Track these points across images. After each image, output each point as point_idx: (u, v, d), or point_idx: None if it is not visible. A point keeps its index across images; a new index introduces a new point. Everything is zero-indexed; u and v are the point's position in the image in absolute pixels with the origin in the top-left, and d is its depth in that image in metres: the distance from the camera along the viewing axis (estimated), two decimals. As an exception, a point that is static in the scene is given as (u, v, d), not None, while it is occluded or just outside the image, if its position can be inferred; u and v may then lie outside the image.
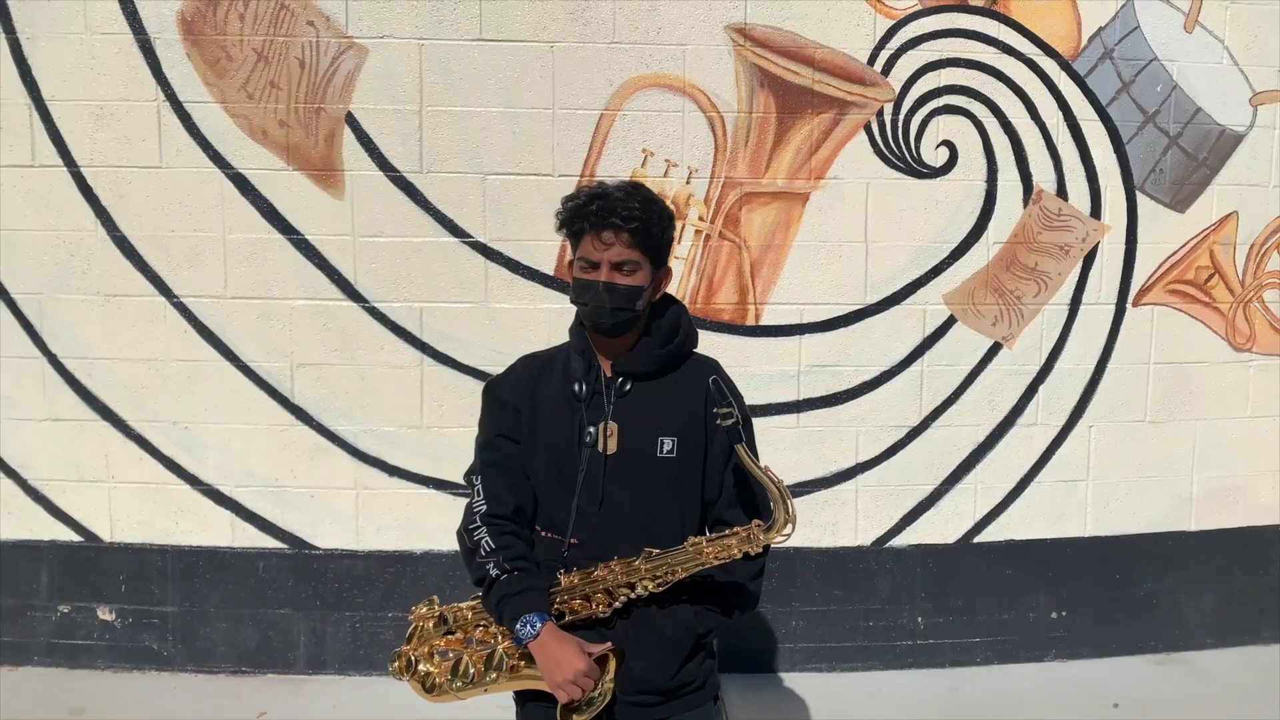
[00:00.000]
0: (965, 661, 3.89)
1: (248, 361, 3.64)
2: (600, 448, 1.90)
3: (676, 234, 3.63)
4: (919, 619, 3.87)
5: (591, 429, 1.90)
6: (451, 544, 3.78)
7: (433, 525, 3.70)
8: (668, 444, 1.91)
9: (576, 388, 1.93)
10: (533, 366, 2.02)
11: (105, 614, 3.73)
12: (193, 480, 3.68)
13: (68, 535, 3.71)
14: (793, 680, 3.75)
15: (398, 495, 3.69)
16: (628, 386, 1.92)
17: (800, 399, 3.72)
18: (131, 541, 3.70)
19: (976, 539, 3.88)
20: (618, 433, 1.90)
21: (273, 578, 3.71)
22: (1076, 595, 3.94)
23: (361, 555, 3.71)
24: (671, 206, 3.61)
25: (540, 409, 1.96)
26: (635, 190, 1.90)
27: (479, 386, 3.60)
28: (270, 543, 3.70)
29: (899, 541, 3.85)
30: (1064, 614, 3.94)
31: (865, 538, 3.83)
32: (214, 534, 3.70)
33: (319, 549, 3.71)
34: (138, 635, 3.73)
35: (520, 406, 1.97)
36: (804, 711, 3.55)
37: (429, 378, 3.65)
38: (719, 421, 1.81)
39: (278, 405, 3.65)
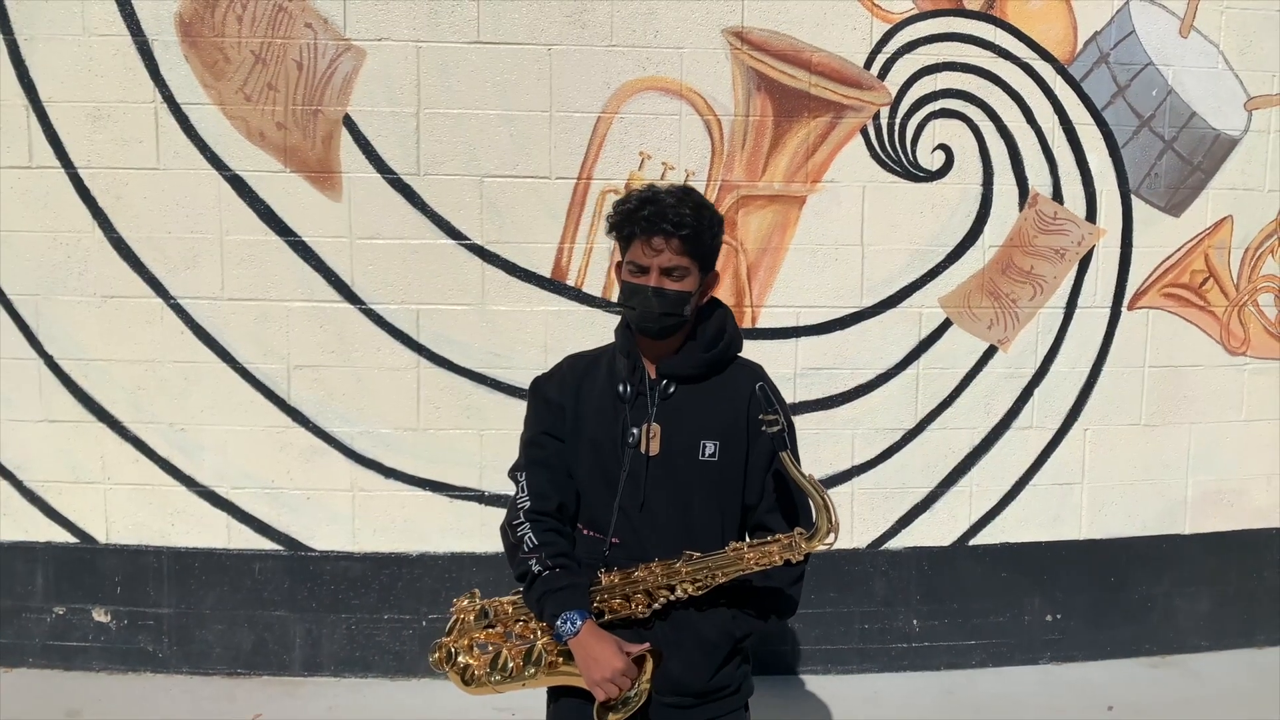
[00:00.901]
0: (961, 664, 3.90)
1: (244, 363, 3.63)
2: (643, 449, 1.91)
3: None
4: (914, 621, 3.88)
5: (635, 430, 1.91)
6: (447, 546, 3.81)
7: (429, 527, 3.70)
8: (710, 447, 1.92)
9: (621, 388, 1.94)
10: (578, 365, 2.03)
11: (101, 615, 3.73)
12: (189, 482, 3.68)
13: (63, 536, 3.70)
14: (788, 682, 3.76)
15: (394, 497, 3.69)
16: (671, 389, 1.93)
17: (796, 401, 3.73)
18: (127, 543, 3.70)
19: (972, 542, 3.88)
20: (660, 434, 1.91)
21: (268, 579, 3.71)
22: (1071, 598, 3.94)
23: (358, 557, 3.71)
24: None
25: (585, 408, 1.97)
26: (686, 195, 1.90)
27: (475, 388, 3.65)
28: (266, 544, 3.70)
29: (895, 544, 3.85)
30: (1059, 616, 3.95)
31: (861, 540, 3.84)
32: (210, 535, 3.70)
33: (315, 551, 3.71)
34: (133, 637, 3.72)
35: (565, 405, 1.98)
36: (800, 713, 3.55)
37: (425, 380, 3.65)
38: (764, 428, 1.81)
39: (274, 407, 3.65)
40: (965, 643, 3.90)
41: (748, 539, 1.89)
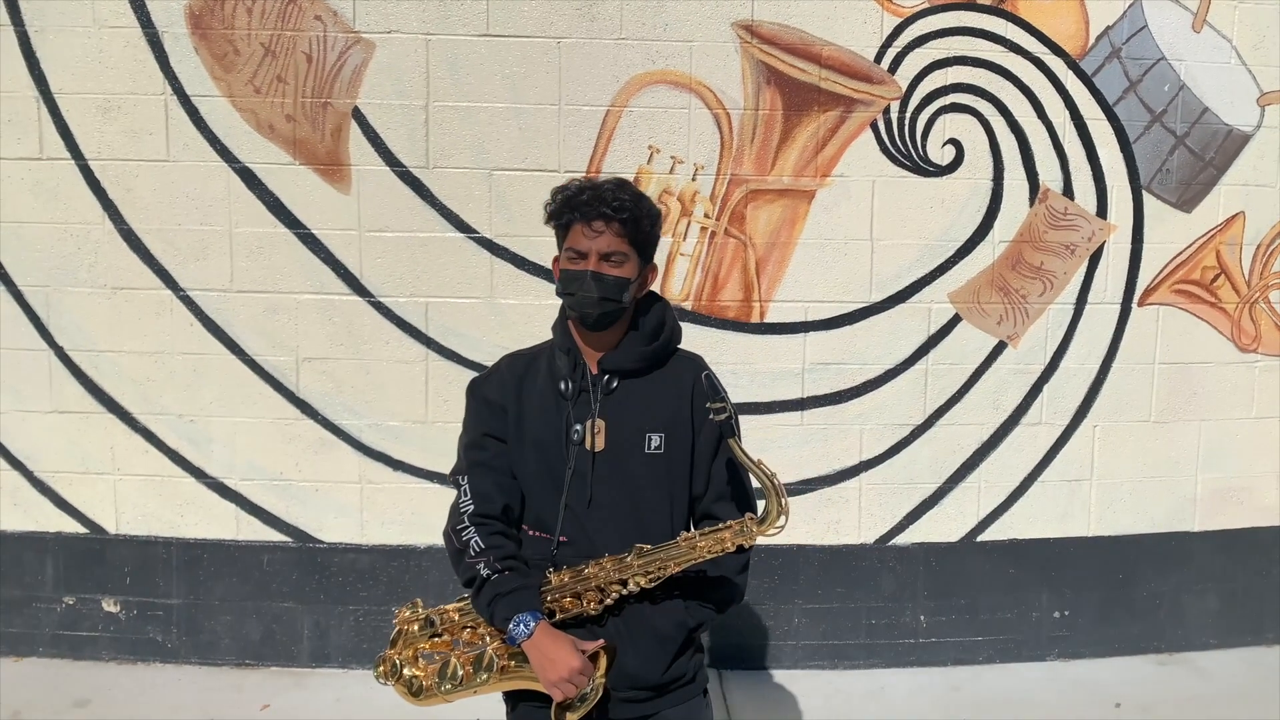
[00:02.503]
0: (967, 660, 3.89)
1: (253, 355, 3.64)
2: (588, 445, 1.90)
3: (683, 231, 3.65)
4: (921, 617, 3.88)
5: (579, 426, 1.91)
6: (455, 538, 3.78)
7: (437, 520, 3.66)
8: (655, 440, 1.92)
9: (563, 385, 1.93)
10: (518, 364, 2.02)
11: (110, 606, 3.74)
12: (198, 473, 3.69)
13: (73, 527, 3.72)
14: (795, 678, 3.75)
15: (402, 489, 3.70)
16: (614, 384, 1.93)
17: (805, 396, 3.72)
18: (136, 534, 3.72)
19: (980, 538, 3.88)
20: (605, 430, 1.91)
21: (277, 571, 3.72)
22: (1079, 595, 3.94)
23: (366, 549, 3.72)
24: (677, 203, 3.64)
25: (526, 407, 1.96)
26: (624, 184, 1.92)
27: (484, 382, 3.65)
28: (275, 536, 3.71)
29: (902, 540, 3.85)
30: (1067, 613, 3.94)
31: (868, 535, 3.83)
32: (219, 527, 3.71)
33: (323, 543, 3.72)
34: (142, 627, 3.74)
35: (506, 405, 1.96)
36: (806, 709, 3.55)
37: (434, 373, 3.66)
38: (711, 416, 1.81)
39: (283, 399, 3.66)
40: (972, 639, 3.90)
41: (695, 529, 1.88)
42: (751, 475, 1.85)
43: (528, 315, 3.63)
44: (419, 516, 3.71)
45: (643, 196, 1.92)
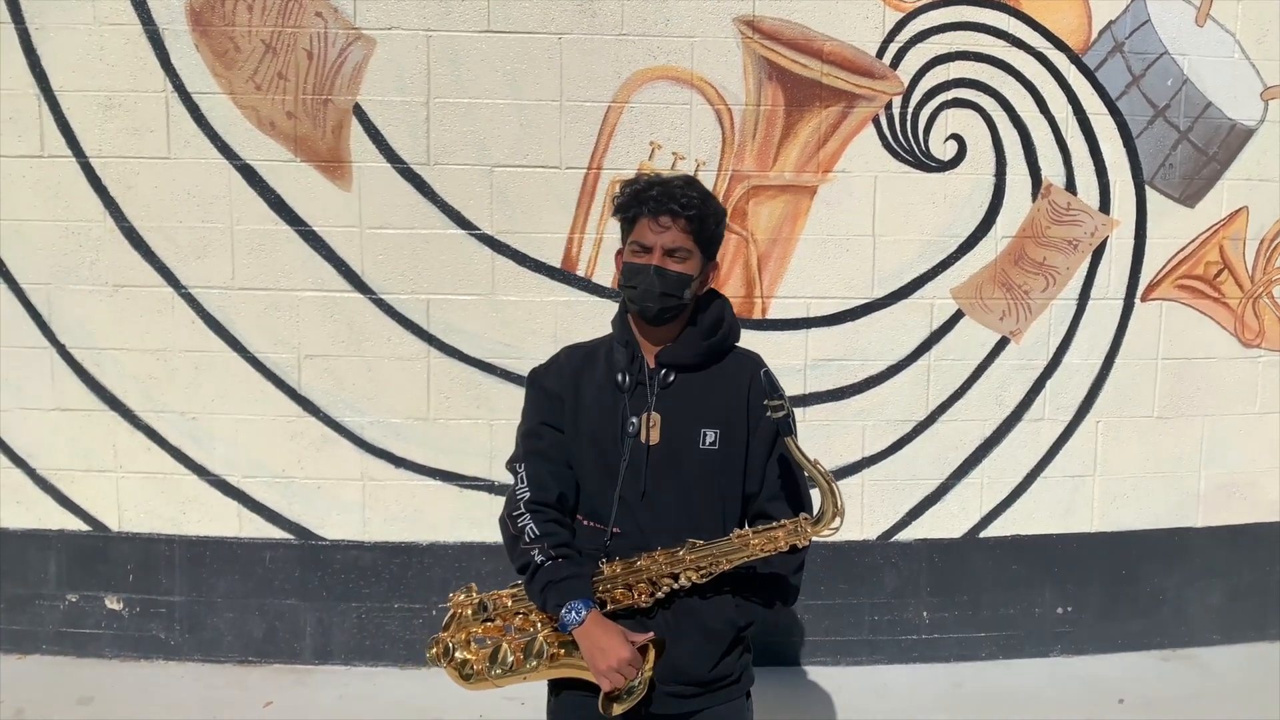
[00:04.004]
0: (970, 656, 3.89)
1: (255, 352, 3.64)
2: (643, 438, 1.91)
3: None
4: (924, 613, 3.87)
5: (634, 419, 1.91)
6: (458, 535, 3.82)
7: (439, 517, 3.71)
8: (710, 436, 1.92)
9: (620, 378, 1.93)
10: (576, 356, 2.03)
11: (113, 603, 3.75)
12: (200, 470, 3.69)
13: (76, 525, 3.72)
14: (798, 673, 3.76)
15: (404, 486, 3.70)
16: (671, 378, 1.93)
17: (807, 393, 3.72)
18: (139, 531, 3.72)
19: (982, 534, 3.87)
20: (660, 424, 1.91)
21: (279, 568, 3.73)
22: (1082, 591, 3.93)
23: (368, 546, 3.72)
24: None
25: (584, 398, 1.96)
26: (693, 181, 1.93)
27: (485, 379, 3.65)
28: (277, 533, 3.72)
29: (905, 536, 3.84)
30: (1070, 609, 3.94)
31: (871, 532, 3.83)
32: (221, 524, 3.71)
33: (326, 540, 3.72)
34: (145, 624, 3.75)
35: (564, 395, 1.97)
36: (809, 704, 3.55)
37: (436, 369, 3.65)
38: (769, 414, 1.80)
39: (285, 396, 3.66)
40: (975, 635, 3.89)
41: (748, 526, 1.88)
42: (806, 474, 1.85)
43: (529, 312, 3.63)
44: (421, 513, 3.71)
45: (710, 195, 1.93)
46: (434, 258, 3.61)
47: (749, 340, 2.04)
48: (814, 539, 1.84)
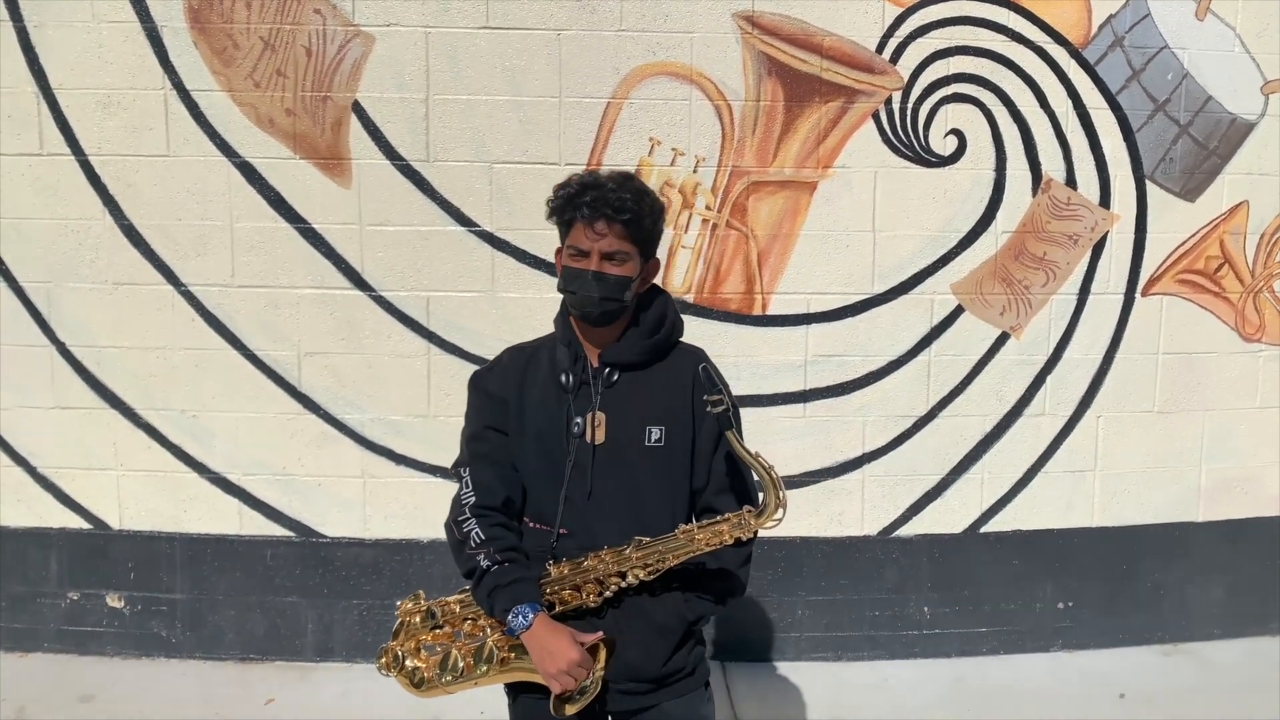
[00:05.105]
0: (971, 651, 3.89)
1: (255, 350, 3.64)
2: (588, 438, 1.90)
3: (684, 223, 3.64)
4: (925, 609, 3.87)
5: (579, 419, 1.91)
6: (458, 532, 3.78)
7: (439, 513, 3.62)
8: (655, 433, 1.91)
9: (563, 378, 1.93)
10: (519, 358, 2.02)
11: (114, 601, 3.75)
12: (200, 468, 3.69)
13: (76, 523, 3.72)
14: (799, 669, 3.76)
15: (405, 484, 3.70)
16: (615, 377, 1.93)
17: (807, 389, 3.72)
18: (140, 529, 3.72)
19: (983, 529, 3.87)
20: (605, 423, 1.91)
21: (280, 565, 3.73)
22: (1083, 586, 3.93)
23: (369, 543, 3.72)
24: (678, 195, 3.63)
25: (528, 400, 1.96)
26: (627, 181, 1.90)
27: (486, 375, 3.64)
28: (278, 531, 3.72)
29: (906, 531, 3.84)
30: (1070, 604, 3.94)
31: (872, 527, 3.83)
32: (222, 522, 3.71)
33: (326, 537, 3.72)
34: (146, 622, 3.75)
35: (508, 398, 1.97)
36: (810, 701, 3.55)
37: (436, 367, 3.65)
38: (709, 409, 1.81)
39: (285, 394, 3.66)
40: (976, 630, 3.89)
41: (695, 521, 1.88)
42: (750, 467, 1.85)
43: (529, 309, 3.63)
44: (422, 510, 3.71)
45: (645, 193, 1.91)
46: (434, 254, 3.61)
47: (751, 337, 2.04)
48: (760, 532, 1.84)
